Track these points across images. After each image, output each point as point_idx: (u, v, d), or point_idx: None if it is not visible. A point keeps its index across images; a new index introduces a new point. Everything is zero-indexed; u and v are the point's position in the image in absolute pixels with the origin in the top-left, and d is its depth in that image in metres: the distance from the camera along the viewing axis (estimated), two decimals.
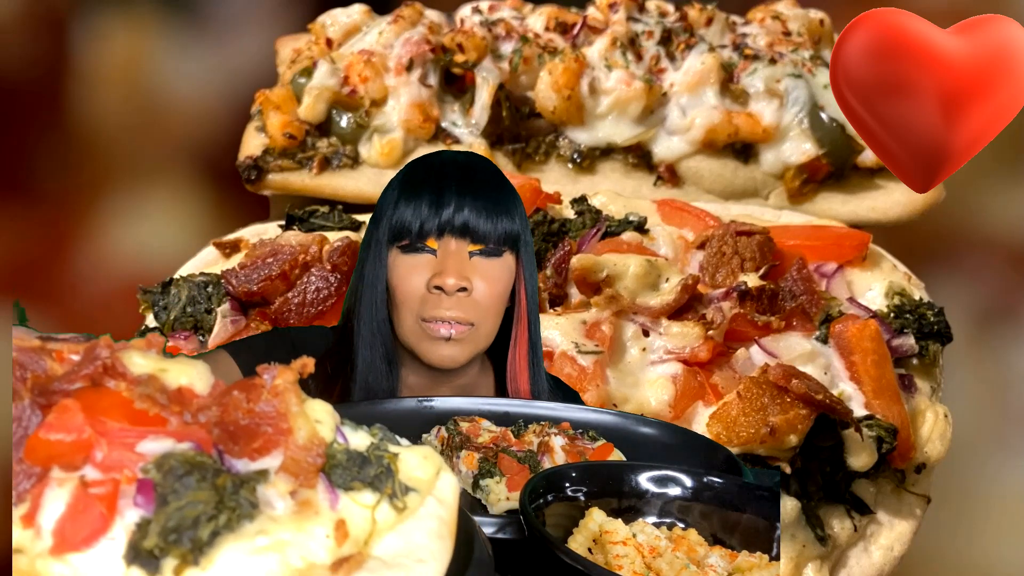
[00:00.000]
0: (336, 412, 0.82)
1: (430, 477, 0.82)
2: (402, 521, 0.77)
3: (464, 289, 1.62)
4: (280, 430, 0.71)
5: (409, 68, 3.16)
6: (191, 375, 0.84)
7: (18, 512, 0.64)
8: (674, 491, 1.50)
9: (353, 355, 1.71)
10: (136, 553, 0.65)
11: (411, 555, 0.75)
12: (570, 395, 1.92)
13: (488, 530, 1.34)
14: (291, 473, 0.70)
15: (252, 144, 3.18)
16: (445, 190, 1.64)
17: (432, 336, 1.64)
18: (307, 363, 0.83)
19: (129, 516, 0.66)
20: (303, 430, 0.72)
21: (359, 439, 0.82)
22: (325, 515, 0.71)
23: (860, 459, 2.22)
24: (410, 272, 1.64)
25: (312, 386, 1.57)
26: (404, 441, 0.88)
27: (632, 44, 3.27)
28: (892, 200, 3.16)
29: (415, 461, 0.83)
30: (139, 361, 0.82)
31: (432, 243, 1.64)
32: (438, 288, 1.63)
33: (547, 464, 1.58)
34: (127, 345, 0.85)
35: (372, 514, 0.75)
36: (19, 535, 0.63)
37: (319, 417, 0.77)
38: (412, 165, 1.75)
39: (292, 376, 0.78)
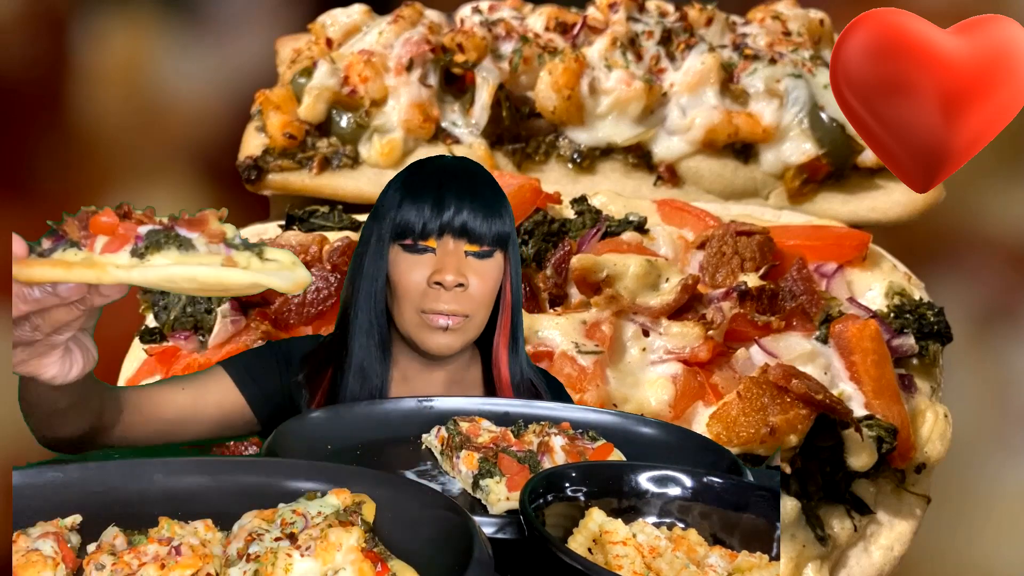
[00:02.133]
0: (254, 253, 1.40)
1: (289, 258, 1.40)
2: (269, 265, 1.41)
3: (461, 285, 1.74)
4: (201, 223, 1.39)
5: (409, 68, 3.16)
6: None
7: (84, 247, 1.34)
8: (674, 491, 1.50)
9: (349, 340, 1.83)
10: (136, 252, 1.34)
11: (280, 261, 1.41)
12: (553, 384, 1.97)
13: (488, 530, 1.34)
14: (208, 236, 1.37)
15: (252, 144, 3.18)
16: (446, 194, 1.80)
17: (431, 326, 1.78)
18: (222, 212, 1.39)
19: (135, 241, 1.35)
20: (215, 224, 1.38)
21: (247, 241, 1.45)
22: (222, 255, 1.37)
23: (860, 459, 2.23)
24: (411, 268, 1.78)
25: (308, 372, 1.85)
26: (277, 250, 1.44)
27: (632, 44, 3.27)
28: (892, 200, 3.16)
29: (277, 252, 1.41)
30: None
31: (432, 242, 1.78)
32: (438, 284, 1.75)
33: (547, 464, 1.57)
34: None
35: (248, 257, 1.38)
36: (84, 254, 1.33)
37: (225, 230, 1.39)
38: (414, 168, 1.88)
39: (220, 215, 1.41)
